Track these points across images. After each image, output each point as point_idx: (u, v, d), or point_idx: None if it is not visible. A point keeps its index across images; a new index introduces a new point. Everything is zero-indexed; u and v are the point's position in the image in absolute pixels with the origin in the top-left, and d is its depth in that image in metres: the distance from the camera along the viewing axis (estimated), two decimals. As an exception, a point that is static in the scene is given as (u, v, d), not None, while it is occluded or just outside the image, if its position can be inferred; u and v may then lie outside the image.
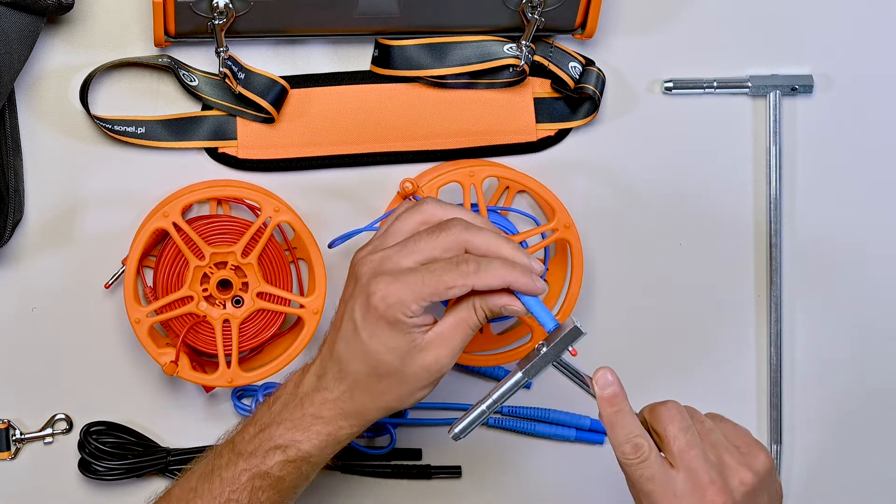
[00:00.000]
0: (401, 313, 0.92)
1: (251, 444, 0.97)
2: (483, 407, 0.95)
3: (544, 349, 0.94)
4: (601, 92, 1.12)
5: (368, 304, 0.93)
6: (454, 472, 1.15)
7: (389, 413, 0.97)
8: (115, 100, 1.09)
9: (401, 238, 0.96)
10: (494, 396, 0.95)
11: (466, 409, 1.12)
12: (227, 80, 1.07)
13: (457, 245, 0.93)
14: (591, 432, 1.16)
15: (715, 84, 1.14)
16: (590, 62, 1.12)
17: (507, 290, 0.93)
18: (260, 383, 1.12)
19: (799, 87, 1.15)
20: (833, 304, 1.18)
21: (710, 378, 1.17)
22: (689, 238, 1.16)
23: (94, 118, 1.07)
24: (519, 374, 0.95)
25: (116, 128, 1.08)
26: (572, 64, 1.11)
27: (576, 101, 1.13)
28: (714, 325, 1.17)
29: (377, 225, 1.08)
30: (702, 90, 1.14)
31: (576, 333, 0.94)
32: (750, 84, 1.14)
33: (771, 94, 1.14)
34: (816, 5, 1.15)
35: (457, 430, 0.96)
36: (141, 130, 1.08)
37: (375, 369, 0.94)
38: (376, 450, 1.14)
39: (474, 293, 0.93)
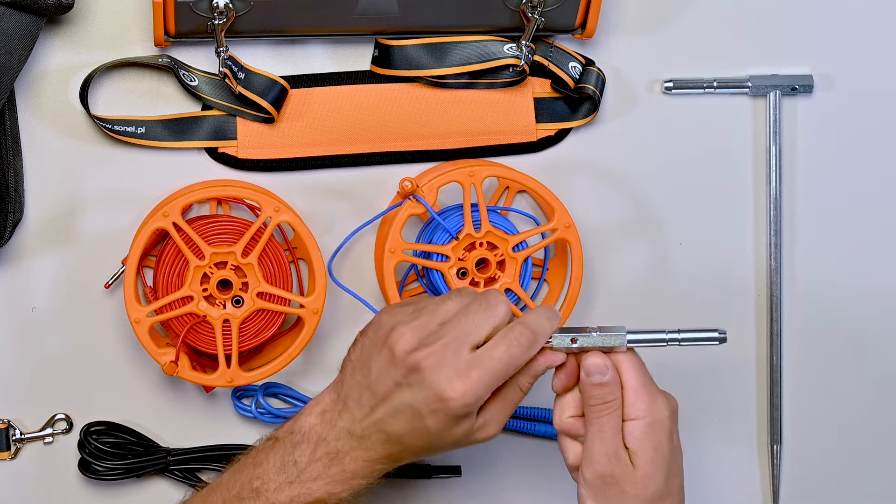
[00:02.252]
0: (474, 409, 0.93)
1: (282, 493, 0.96)
2: (666, 336, 0.97)
3: (587, 335, 0.95)
4: (601, 92, 1.12)
5: (444, 405, 0.92)
6: (454, 472, 1.15)
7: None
8: (115, 100, 1.09)
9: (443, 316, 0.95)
10: (683, 334, 0.97)
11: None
12: (227, 80, 1.07)
13: (507, 315, 0.95)
14: (591, 432, 1.16)
15: (715, 84, 1.14)
16: (590, 62, 1.12)
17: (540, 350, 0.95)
18: (260, 383, 1.12)
19: (799, 87, 1.15)
20: (833, 303, 1.18)
21: (709, 378, 1.17)
22: (689, 238, 1.16)
23: (94, 118, 1.07)
24: (716, 333, 0.97)
25: (116, 128, 1.08)
26: (572, 64, 1.11)
27: (576, 101, 1.13)
28: (714, 325, 1.17)
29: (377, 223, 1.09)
30: (702, 90, 1.14)
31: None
32: (750, 84, 1.14)
33: (771, 94, 1.14)
34: (816, 5, 1.15)
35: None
36: (141, 130, 1.08)
37: (431, 447, 0.95)
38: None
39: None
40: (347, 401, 0.96)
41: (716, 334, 0.97)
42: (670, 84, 1.14)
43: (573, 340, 0.95)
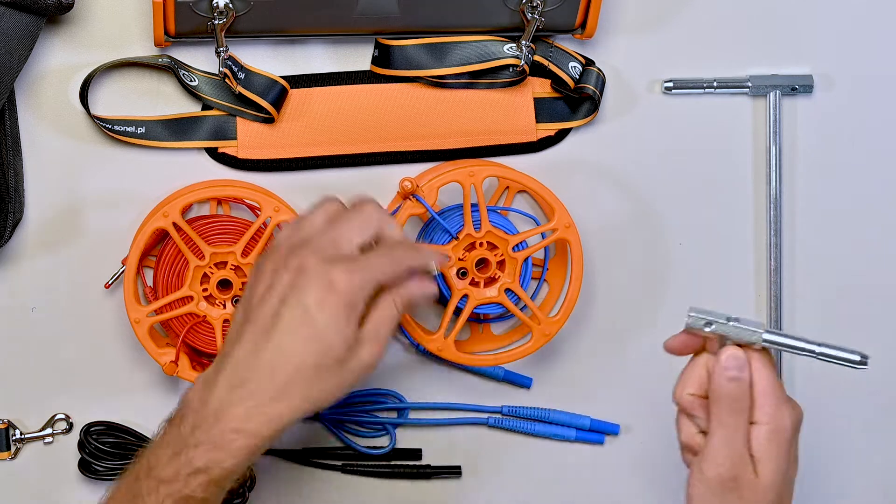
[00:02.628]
0: (360, 298, 0.92)
1: (169, 468, 0.92)
2: (808, 346, 0.93)
3: (722, 320, 0.93)
4: (601, 92, 1.12)
5: (332, 289, 0.91)
6: (454, 472, 1.15)
7: (307, 415, 0.93)
8: (115, 100, 1.09)
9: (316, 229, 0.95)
10: (823, 348, 0.93)
11: (465, 408, 1.12)
12: (227, 80, 1.07)
13: (375, 225, 0.96)
14: (591, 432, 1.16)
15: (715, 84, 1.14)
16: (590, 62, 1.12)
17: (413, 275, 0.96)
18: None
19: (799, 87, 1.15)
20: (833, 303, 1.18)
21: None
22: (689, 238, 1.16)
23: (94, 118, 1.07)
24: (857, 357, 0.93)
25: (116, 128, 1.08)
26: (572, 64, 1.11)
27: (576, 100, 1.13)
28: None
29: None
30: (702, 90, 1.14)
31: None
32: (750, 84, 1.14)
33: (771, 94, 1.14)
34: (816, 5, 1.15)
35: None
36: (141, 130, 1.08)
37: (322, 358, 0.91)
38: (376, 450, 1.14)
39: (385, 289, 0.94)
40: (226, 355, 0.93)
41: (857, 357, 0.93)
42: (670, 84, 1.14)
43: (707, 323, 0.93)
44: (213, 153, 1.10)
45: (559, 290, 1.13)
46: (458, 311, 1.10)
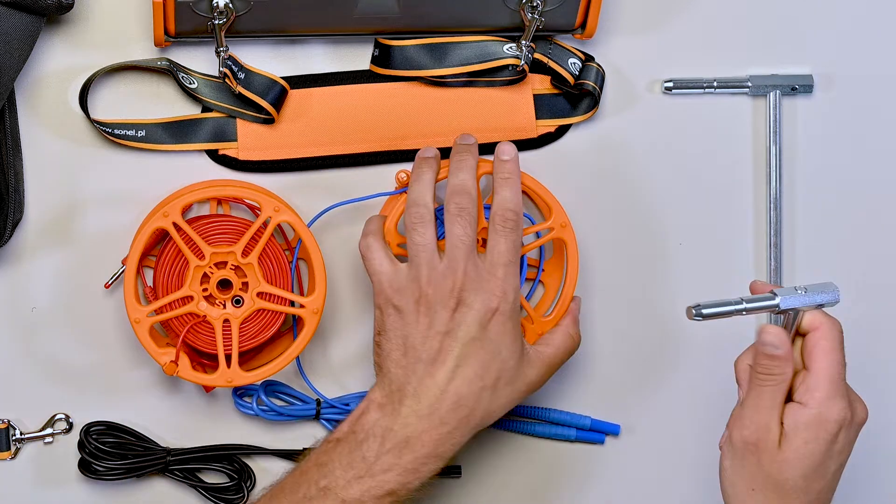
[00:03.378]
0: (517, 311, 1.01)
1: (353, 489, 0.98)
2: (734, 307, 0.97)
3: (804, 289, 0.96)
4: (601, 87, 1.12)
5: (497, 307, 0.99)
6: (454, 472, 1.15)
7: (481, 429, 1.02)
8: (115, 102, 1.09)
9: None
10: (749, 305, 0.97)
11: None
12: (227, 80, 1.07)
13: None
14: (592, 432, 1.16)
15: (715, 84, 1.14)
16: (589, 58, 1.12)
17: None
18: (259, 383, 1.12)
19: (799, 87, 1.15)
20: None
21: (710, 378, 1.17)
22: (689, 238, 1.16)
23: (94, 122, 1.07)
24: (777, 298, 0.96)
25: (116, 131, 1.08)
26: (572, 60, 1.11)
27: (576, 97, 1.13)
28: (714, 325, 1.17)
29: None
30: (702, 90, 1.14)
31: (832, 299, 0.96)
32: (750, 84, 1.14)
33: (771, 94, 1.14)
34: (816, 5, 1.15)
35: (707, 311, 0.96)
36: (141, 133, 1.08)
37: (499, 375, 1.00)
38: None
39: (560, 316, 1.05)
40: (404, 388, 1.00)
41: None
42: (670, 84, 1.14)
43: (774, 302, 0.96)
44: (213, 155, 1.10)
45: (555, 292, 1.13)
46: None
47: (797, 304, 0.97)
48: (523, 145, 1.13)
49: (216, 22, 1.04)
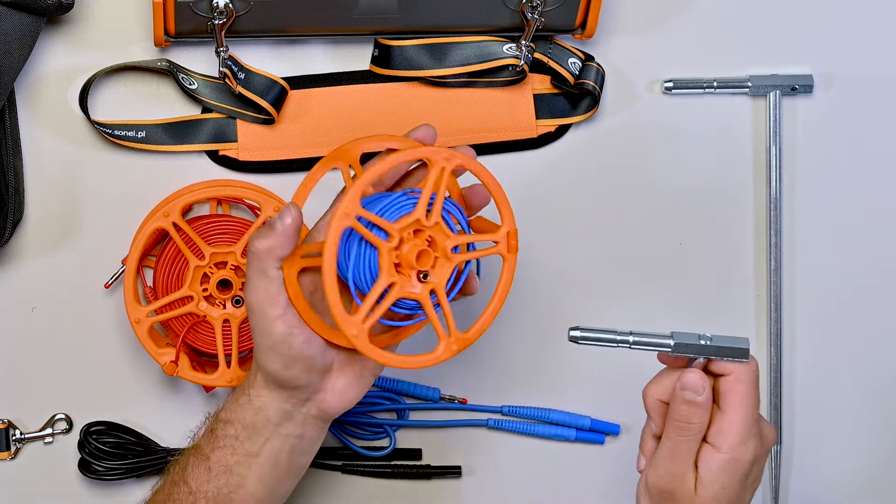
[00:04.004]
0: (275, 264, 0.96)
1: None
2: (621, 337, 0.94)
3: (708, 342, 0.93)
4: (601, 87, 1.12)
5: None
6: (454, 472, 1.15)
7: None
8: (115, 103, 1.09)
9: None
10: (638, 338, 0.94)
11: (465, 408, 1.11)
12: (227, 80, 1.07)
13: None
14: (591, 432, 1.16)
15: (715, 84, 1.14)
16: (589, 57, 1.12)
17: None
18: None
19: (799, 87, 1.15)
20: (834, 303, 1.18)
21: (709, 378, 1.17)
22: (689, 238, 1.16)
23: (94, 123, 1.07)
24: (671, 341, 0.94)
25: (117, 132, 1.08)
26: (572, 60, 1.11)
27: (576, 96, 1.13)
28: (714, 326, 1.17)
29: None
30: (702, 90, 1.14)
31: (741, 354, 0.93)
32: (750, 84, 1.14)
33: (771, 94, 1.14)
34: (816, 5, 1.15)
35: (579, 333, 0.94)
36: (141, 134, 1.08)
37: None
38: (376, 451, 1.14)
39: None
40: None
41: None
42: (670, 84, 1.14)
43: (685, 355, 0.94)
44: (213, 155, 1.10)
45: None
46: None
47: (693, 353, 0.94)
48: (523, 145, 1.13)
49: (216, 22, 1.04)
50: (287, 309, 0.94)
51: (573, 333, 0.94)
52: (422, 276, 0.95)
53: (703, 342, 0.93)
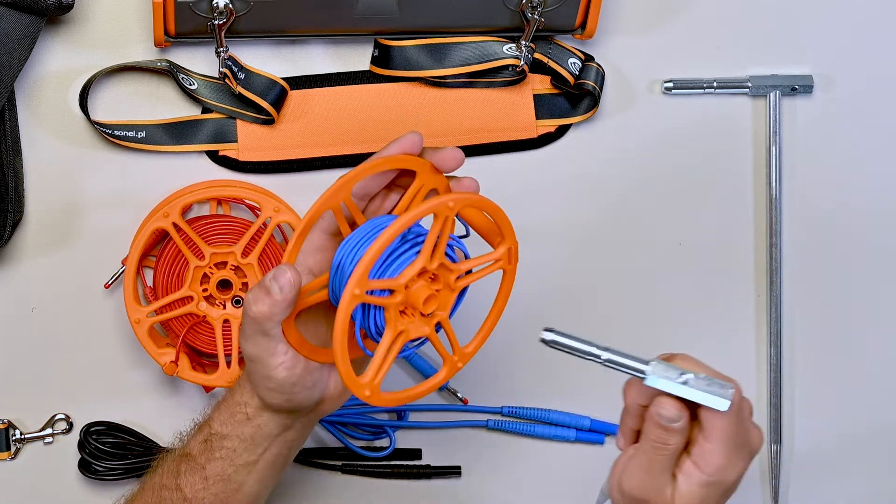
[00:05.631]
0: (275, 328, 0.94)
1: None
2: (595, 350, 0.87)
3: (689, 379, 0.85)
4: (601, 87, 1.12)
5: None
6: (454, 472, 1.15)
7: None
8: (115, 103, 1.09)
9: None
10: (613, 356, 0.87)
11: (465, 409, 1.11)
12: (227, 80, 1.07)
13: None
14: (591, 432, 1.16)
15: (715, 84, 1.14)
16: (589, 58, 1.12)
17: None
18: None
19: (799, 87, 1.15)
20: (833, 303, 1.18)
21: (709, 378, 1.17)
22: (689, 238, 1.16)
23: (94, 124, 1.07)
24: (648, 368, 0.86)
25: (117, 133, 1.08)
26: (572, 60, 1.11)
27: (576, 96, 1.13)
28: (714, 325, 1.17)
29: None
30: (702, 90, 1.14)
31: (720, 404, 0.85)
32: (750, 84, 1.14)
33: (771, 94, 1.14)
34: (816, 5, 1.15)
35: (551, 337, 0.86)
36: (141, 135, 1.08)
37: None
38: (376, 451, 1.14)
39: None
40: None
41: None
42: (670, 84, 1.14)
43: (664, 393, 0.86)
44: (213, 156, 1.10)
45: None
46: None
47: (666, 390, 0.86)
48: (523, 145, 1.13)
49: (216, 22, 1.04)
50: (287, 352, 0.93)
51: (546, 336, 0.87)
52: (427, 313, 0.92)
53: (681, 380, 0.85)
